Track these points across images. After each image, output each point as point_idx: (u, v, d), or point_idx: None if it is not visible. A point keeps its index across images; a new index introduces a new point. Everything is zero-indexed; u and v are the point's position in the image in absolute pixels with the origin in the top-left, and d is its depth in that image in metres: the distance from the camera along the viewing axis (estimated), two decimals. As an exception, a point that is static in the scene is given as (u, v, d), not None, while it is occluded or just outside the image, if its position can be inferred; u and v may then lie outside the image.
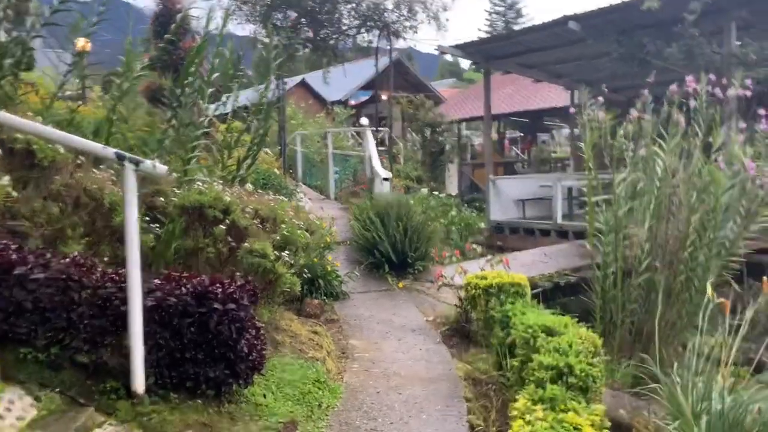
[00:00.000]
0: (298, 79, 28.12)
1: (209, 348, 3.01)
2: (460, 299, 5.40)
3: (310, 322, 5.33)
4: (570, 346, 3.22)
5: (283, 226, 3.83)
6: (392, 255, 7.09)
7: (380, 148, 20.25)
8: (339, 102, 25.29)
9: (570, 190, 11.97)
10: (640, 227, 5.73)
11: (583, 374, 2.98)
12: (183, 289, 3.02)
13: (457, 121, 18.06)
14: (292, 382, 3.64)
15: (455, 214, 14.68)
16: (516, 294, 4.78)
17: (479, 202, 18.18)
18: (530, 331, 3.50)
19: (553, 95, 18.71)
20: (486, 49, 11.62)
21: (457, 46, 11.67)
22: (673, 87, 5.97)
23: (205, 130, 5.52)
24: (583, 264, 7.24)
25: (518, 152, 28.35)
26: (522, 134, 25.70)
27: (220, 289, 3.04)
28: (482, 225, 13.40)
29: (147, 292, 2.96)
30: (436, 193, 17.74)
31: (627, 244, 5.87)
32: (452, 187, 20.28)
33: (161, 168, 3.07)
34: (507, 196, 12.39)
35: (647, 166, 5.99)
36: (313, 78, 30.58)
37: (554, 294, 6.72)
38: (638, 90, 6.47)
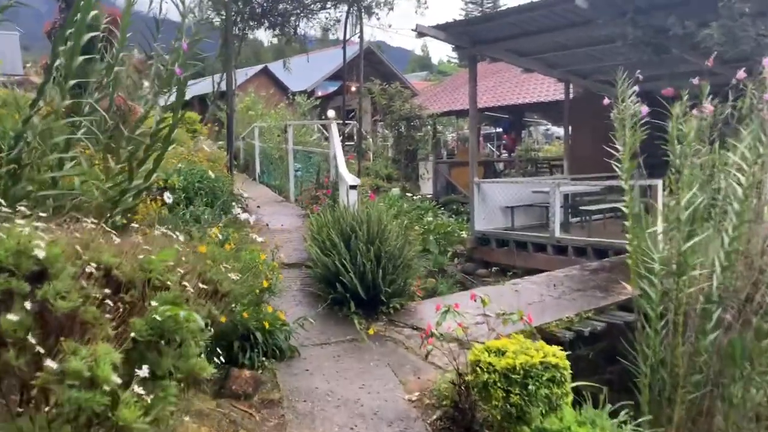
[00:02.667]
0: (260, 67, 26.09)
1: None
2: (459, 374, 3.66)
3: (235, 410, 3.54)
4: None
5: (162, 297, 2.03)
6: (360, 290, 5.33)
7: (348, 143, 18.47)
8: (304, 93, 23.38)
9: (567, 197, 10.39)
10: (709, 267, 4.09)
11: None
12: None
13: (436, 115, 16.34)
14: None
15: (432, 219, 13.03)
16: (551, 382, 3.08)
17: (457, 204, 16.54)
18: None
19: (538, 89, 17.16)
20: (473, 30, 9.90)
21: (439, 27, 9.94)
22: (741, 73, 4.34)
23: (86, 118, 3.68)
24: (608, 304, 5.59)
25: (494, 150, 26.82)
26: (500, 130, 24.15)
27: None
28: (464, 234, 11.75)
29: None
30: (410, 194, 16.10)
31: (687, 287, 4.24)
32: (426, 187, 18.61)
33: None
34: (494, 202, 10.74)
35: (714, 181, 4.35)
36: (278, 67, 28.54)
37: (575, 346, 5.05)
38: (644, 84, 4.94)
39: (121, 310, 1.96)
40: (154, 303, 1.94)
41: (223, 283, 2.58)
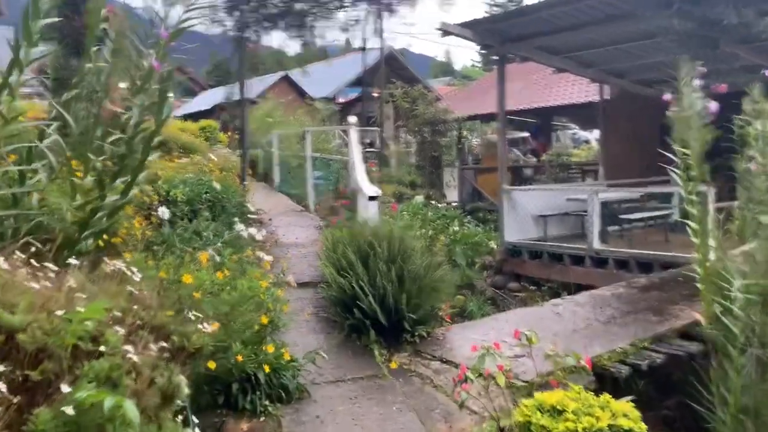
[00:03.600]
0: (280, 74, 25.68)
1: None
2: (500, 430, 2.98)
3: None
4: None
5: (93, 368, 1.42)
6: (380, 316, 4.68)
7: (369, 150, 17.86)
8: (325, 99, 22.86)
9: (604, 204, 9.61)
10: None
11: None
12: None
13: (462, 119, 15.56)
14: None
15: (458, 229, 12.32)
16: (625, 453, 2.39)
17: (483, 212, 15.81)
18: None
19: (569, 91, 16.37)
20: (502, 27, 9.22)
21: (465, 24, 9.28)
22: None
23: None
24: (666, 330, 4.85)
25: (519, 155, 25.95)
26: (529, 134, 23.32)
27: None
28: (492, 244, 11.03)
29: None
30: (434, 202, 15.42)
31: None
32: (451, 194, 17.88)
33: None
34: (525, 210, 10.01)
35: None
36: (299, 75, 28.12)
37: (631, 382, 4.32)
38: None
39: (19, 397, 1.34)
40: (65, 388, 1.31)
41: (191, 337, 1.95)
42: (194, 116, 23.05)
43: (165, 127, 3.59)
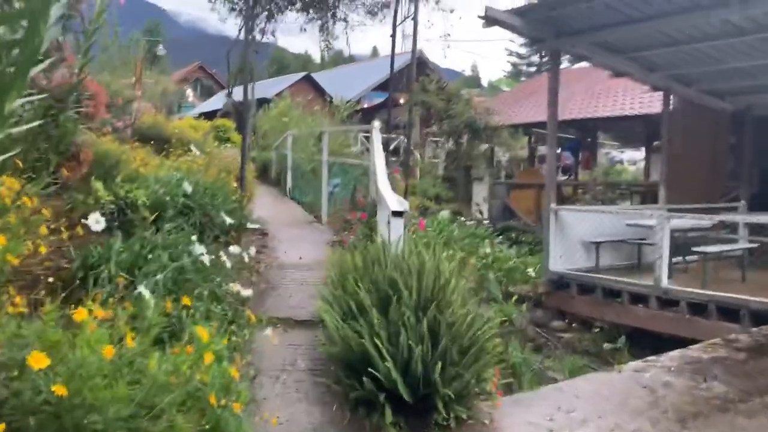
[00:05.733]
0: (301, 74, 24.46)
1: None
2: None
3: None
4: None
5: None
6: (403, 388, 3.20)
7: (392, 159, 16.42)
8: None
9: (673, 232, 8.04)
10: None
11: None
12: None
13: (503, 126, 13.89)
14: None
15: (490, 251, 10.82)
16: None
17: (516, 232, 14.26)
18: None
19: (618, 102, 14.81)
20: (559, 16, 7.69)
21: (515, 11, 7.82)
22: None
23: None
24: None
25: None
26: (562, 150, 21.70)
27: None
28: (530, 272, 9.51)
29: None
30: (462, 218, 13.94)
31: None
32: (478, 209, 16.34)
33: None
34: (574, 234, 8.45)
35: None
36: (322, 77, 26.89)
37: None
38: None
39: None
40: None
41: None
42: (210, 115, 21.90)
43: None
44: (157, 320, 2.10)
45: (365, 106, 24.07)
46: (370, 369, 3.21)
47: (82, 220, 3.14)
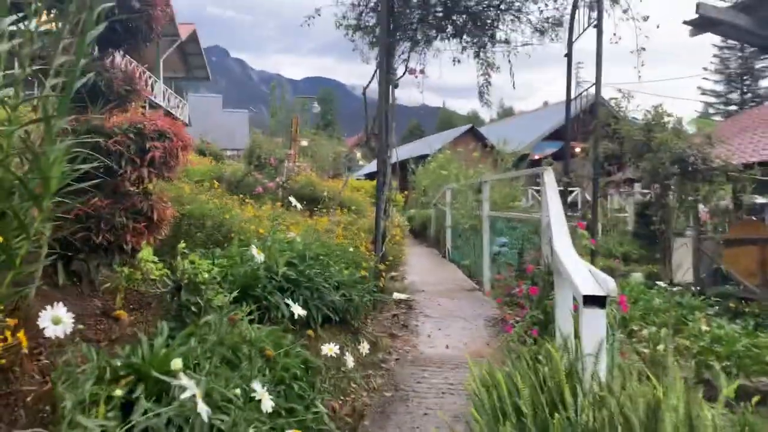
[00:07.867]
0: (466, 127, 23.25)
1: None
2: None
3: None
4: None
5: None
6: None
7: (569, 213, 14.20)
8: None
9: None
10: None
11: None
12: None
13: (732, 165, 10.88)
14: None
15: (706, 327, 8.25)
16: None
17: (735, 301, 11.31)
18: None
19: None
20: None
21: (738, 7, 5.75)
22: None
23: None
24: None
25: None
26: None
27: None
28: (772, 359, 6.87)
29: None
30: (660, 283, 11.32)
31: None
32: (681, 271, 13.42)
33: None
34: None
35: None
36: (488, 130, 25.54)
37: None
38: None
39: None
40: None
41: None
42: (372, 175, 21.54)
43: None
44: None
45: (535, 157, 22.10)
46: None
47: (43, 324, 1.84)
